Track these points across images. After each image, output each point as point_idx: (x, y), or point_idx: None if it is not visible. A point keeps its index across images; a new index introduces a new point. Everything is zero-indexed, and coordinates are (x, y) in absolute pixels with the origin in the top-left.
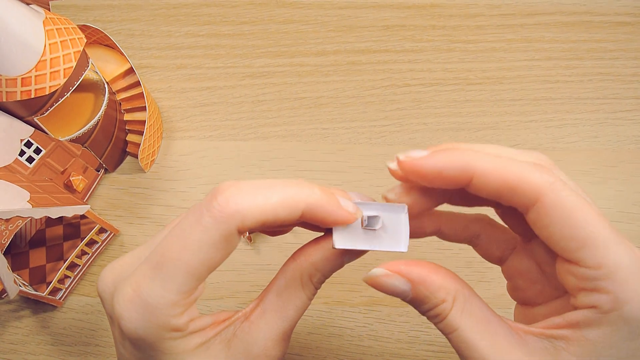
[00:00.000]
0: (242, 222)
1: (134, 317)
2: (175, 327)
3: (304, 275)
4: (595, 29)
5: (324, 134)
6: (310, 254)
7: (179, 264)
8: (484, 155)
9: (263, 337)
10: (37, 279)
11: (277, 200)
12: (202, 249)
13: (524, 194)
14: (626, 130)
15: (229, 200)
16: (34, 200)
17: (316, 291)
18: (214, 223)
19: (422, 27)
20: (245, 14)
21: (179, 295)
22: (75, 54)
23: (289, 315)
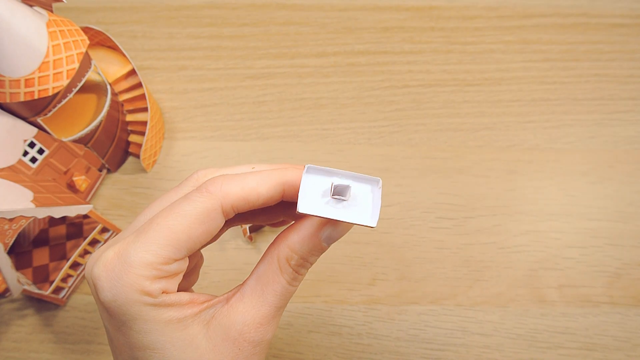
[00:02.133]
0: (225, 198)
1: (108, 277)
2: (146, 291)
3: (281, 259)
4: (592, 31)
5: (323, 135)
6: (286, 236)
7: (162, 228)
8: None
9: (241, 320)
10: (40, 278)
11: (257, 179)
12: (186, 217)
13: None
14: (622, 131)
15: (215, 183)
16: (37, 200)
17: (297, 276)
18: (200, 197)
19: (420, 29)
20: (246, 15)
21: (156, 257)
22: (78, 55)
23: (268, 299)
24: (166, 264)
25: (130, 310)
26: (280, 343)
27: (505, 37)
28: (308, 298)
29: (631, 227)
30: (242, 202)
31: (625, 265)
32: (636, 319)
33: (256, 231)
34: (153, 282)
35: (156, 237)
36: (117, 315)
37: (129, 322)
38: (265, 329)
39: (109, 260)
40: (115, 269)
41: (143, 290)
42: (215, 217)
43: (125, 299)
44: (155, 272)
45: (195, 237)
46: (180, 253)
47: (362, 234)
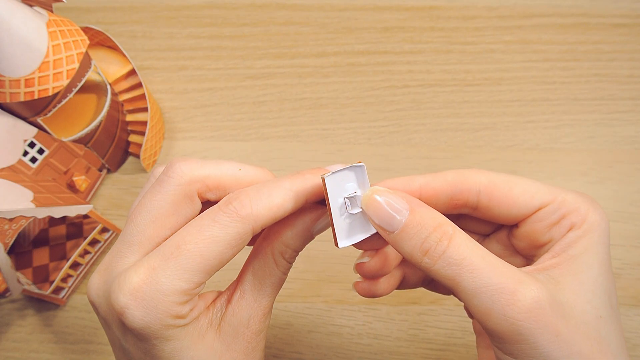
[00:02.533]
0: (256, 221)
1: (140, 305)
2: (179, 315)
3: (276, 254)
4: (592, 31)
5: (323, 135)
6: (281, 233)
7: (193, 254)
8: (419, 175)
9: (247, 316)
10: (40, 278)
11: (281, 196)
12: (219, 244)
13: (468, 185)
14: (622, 131)
15: (243, 202)
16: (37, 200)
17: (290, 265)
18: (231, 222)
19: (421, 28)
20: (246, 15)
21: (190, 284)
22: (78, 55)
23: (267, 291)
24: (199, 286)
25: (163, 334)
26: (280, 343)
27: (505, 37)
28: (308, 298)
29: (631, 227)
30: (271, 220)
31: (625, 265)
32: (636, 319)
33: None
34: (185, 305)
35: (188, 264)
36: (148, 339)
37: (160, 344)
38: (268, 316)
39: (137, 288)
40: (146, 297)
41: (177, 315)
42: (247, 240)
43: (158, 325)
44: (187, 298)
45: (226, 260)
46: (210, 274)
47: None
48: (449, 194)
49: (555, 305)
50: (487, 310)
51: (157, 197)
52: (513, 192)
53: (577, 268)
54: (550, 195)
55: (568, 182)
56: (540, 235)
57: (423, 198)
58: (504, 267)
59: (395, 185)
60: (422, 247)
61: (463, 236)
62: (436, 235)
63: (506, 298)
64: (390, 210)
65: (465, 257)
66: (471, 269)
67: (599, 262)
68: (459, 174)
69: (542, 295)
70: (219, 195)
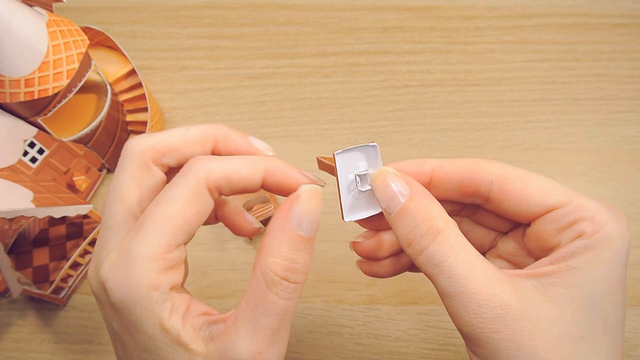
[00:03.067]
0: (208, 176)
1: (116, 277)
2: (154, 285)
3: (265, 270)
4: (592, 31)
5: (323, 135)
6: (262, 244)
7: (157, 217)
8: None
9: (234, 350)
10: (40, 278)
11: (240, 161)
12: (177, 202)
13: (481, 173)
14: (622, 131)
15: (198, 162)
16: (37, 200)
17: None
18: (185, 179)
19: (421, 28)
20: (246, 16)
21: (158, 247)
22: (78, 55)
23: (260, 322)
24: (168, 252)
25: (139, 308)
26: None
27: (505, 37)
28: (308, 298)
29: (631, 227)
30: (224, 181)
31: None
32: (636, 319)
33: None
34: (160, 274)
35: (153, 228)
36: (127, 315)
37: (137, 322)
38: (265, 356)
39: (113, 261)
40: (121, 267)
41: (151, 284)
42: (204, 196)
43: (134, 296)
44: (160, 263)
45: (190, 219)
46: (180, 237)
47: None
48: (459, 179)
49: (524, 318)
50: (456, 312)
51: (118, 177)
52: (527, 188)
53: (573, 281)
54: (567, 197)
55: (568, 182)
56: (548, 237)
57: (434, 181)
58: (483, 273)
59: (407, 167)
60: (407, 236)
61: (452, 234)
62: (422, 229)
63: (473, 307)
64: (392, 192)
65: (445, 259)
66: (449, 273)
67: (602, 280)
68: (473, 161)
69: (512, 306)
70: (175, 159)
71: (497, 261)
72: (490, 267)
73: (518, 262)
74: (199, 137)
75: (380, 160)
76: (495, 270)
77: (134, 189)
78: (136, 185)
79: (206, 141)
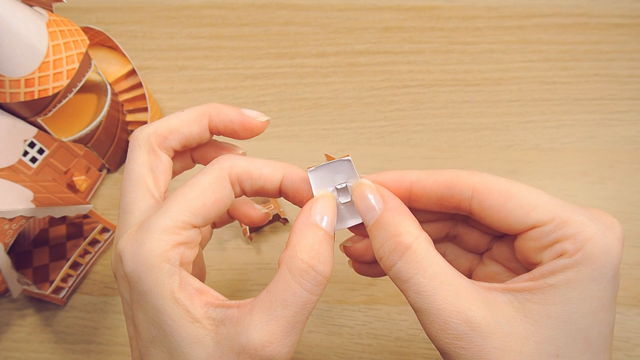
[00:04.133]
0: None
1: (132, 247)
2: (166, 256)
3: (289, 261)
4: (592, 31)
5: (323, 135)
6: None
7: (179, 197)
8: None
9: (245, 335)
10: (40, 278)
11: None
12: (199, 185)
13: (460, 188)
14: (623, 131)
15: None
16: (37, 200)
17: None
18: (211, 168)
19: (421, 28)
20: (246, 16)
21: (174, 222)
22: (78, 55)
23: (277, 313)
24: (184, 228)
25: (150, 277)
26: None
27: (505, 37)
28: None
29: (631, 227)
30: (246, 175)
31: (625, 265)
32: (636, 319)
33: (256, 231)
34: (172, 247)
35: (173, 205)
36: (137, 285)
37: (147, 292)
38: (275, 348)
39: (132, 232)
40: (137, 238)
41: (162, 254)
42: (225, 185)
43: (145, 265)
44: (174, 237)
45: (209, 204)
46: (197, 219)
47: None
48: (438, 194)
49: (492, 335)
50: (425, 327)
51: (130, 165)
52: (508, 205)
53: (551, 299)
54: (551, 213)
55: (568, 182)
56: (531, 254)
57: (412, 195)
58: (452, 289)
59: (386, 179)
60: (378, 252)
61: (420, 250)
62: (390, 245)
63: (439, 324)
64: (369, 205)
65: (412, 277)
66: (416, 290)
67: (582, 298)
68: (453, 175)
69: (479, 323)
70: (177, 140)
71: (492, 264)
72: (461, 282)
73: (512, 267)
74: (194, 116)
75: (356, 172)
76: (467, 285)
77: (147, 173)
78: (148, 169)
79: (201, 118)
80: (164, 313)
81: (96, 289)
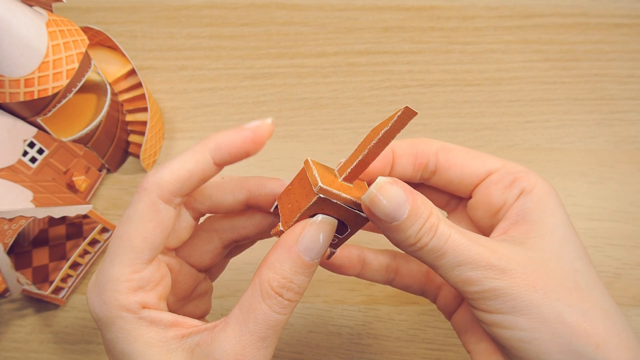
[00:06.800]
0: (159, 187)
1: (92, 298)
2: (124, 306)
3: (262, 282)
4: (592, 31)
5: (323, 135)
6: (266, 257)
7: (118, 239)
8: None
9: (221, 349)
10: (40, 278)
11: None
12: (133, 220)
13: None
14: (623, 131)
15: (147, 177)
16: (37, 200)
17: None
18: (137, 197)
19: (420, 28)
20: (246, 15)
21: (122, 268)
22: (77, 55)
23: (249, 328)
24: (135, 272)
25: (113, 327)
26: (280, 343)
27: (505, 37)
28: (308, 298)
29: (631, 227)
30: (177, 184)
31: (625, 265)
32: (636, 319)
33: None
34: (129, 295)
35: (117, 250)
36: (105, 333)
37: (113, 340)
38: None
39: (92, 281)
40: (96, 288)
41: (120, 305)
42: (159, 209)
43: (108, 316)
44: (127, 284)
45: (149, 235)
46: (143, 255)
47: (362, 234)
48: (413, 152)
49: (528, 261)
50: (467, 277)
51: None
52: (467, 156)
53: (542, 230)
54: (499, 162)
55: (568, 182)
56: (494, 199)
57: (396, 158)
58: (477, 238)
59: None
60: (417, 236)
61: (443, 217)
62: (430, 222)
63: (483, 266)
64: (395, 204)
65: (449, 236)
66: (454, 246)
67: (562, 224)
68: (420, 137)
69: (514, 254)
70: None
71: None
72: (477, 234)
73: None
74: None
75: None
76: (483, 236)
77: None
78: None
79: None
80: (135, 355)
81: None
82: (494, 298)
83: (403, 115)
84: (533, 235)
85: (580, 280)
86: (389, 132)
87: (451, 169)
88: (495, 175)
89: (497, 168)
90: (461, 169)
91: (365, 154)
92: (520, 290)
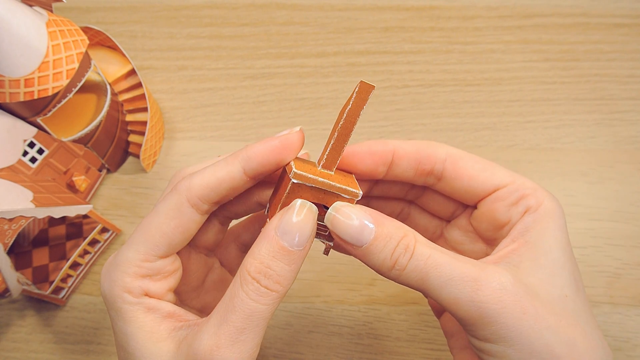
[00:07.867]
0: (189, 192)
1: (104, 275)
2: (128, 288)
3: (242, 269)
4: (592, 31)
5: (324, 135)
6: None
7: (142, 227)
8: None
9: (199, 341)
10: (40, 278)
11: (216, 166)
12: (158, 215)
13: (436, 150)
14: (623, 131)
15: (182, 181)
16: (37, 200)
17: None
18: (169, 195)
19: (420, 28)
20: (246, 15)
21: (136, 254)
22: (77, 55)
23: (227, 318)
24: (147, 261)
25: (115, 306)
26: (280, 343)
27: (505, 37)
28: (308, 298)
29: (631, 227)
30: (206, 190)
31: (625, 265)
32: (636, 319)
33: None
34: (134, 279)
35: (137, 237)
36: (109, 309)
37: (114, 318)
38: (223, 353)
39: (108, 261)
40: (109, 267)
41: (124, 286)
42: (185, 211)
43: (112, 294)
44: (136, 269)
45: (169, 232)
46: (159, 249)
47: None
48: (417, 157)
49: (519, 286)
50: (456, 299)
51: None
52: (476, 166)
53: (536, 252)
54: (510, 177)
55: (568, 182)
56: (499, 215)
57: (395, 158)
58: (464, 259)
59: (372, 146)
60: (391, 258)
61: (422, 238)
62: (404, 243)
63: (471, 285)
64: (357, 226)
65: (429, 256)
66: (435, 265)
67: (558, 246)
68: (428, 142)
69: (505, 278)
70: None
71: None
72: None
73: (464, 251)
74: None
75: None
76: (470, 258)
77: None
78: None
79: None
80: (127, 336)
81: (96, 289)
82: (484, 326)
83: (361, 90)
84: (527, 257)
85: (569, 306)
86: (352, 111)
87: (458, 180)
88: (503, 191)
89: (506, 184)
90: (468, 181)
91: (336, 137)
92: (509, 316)
